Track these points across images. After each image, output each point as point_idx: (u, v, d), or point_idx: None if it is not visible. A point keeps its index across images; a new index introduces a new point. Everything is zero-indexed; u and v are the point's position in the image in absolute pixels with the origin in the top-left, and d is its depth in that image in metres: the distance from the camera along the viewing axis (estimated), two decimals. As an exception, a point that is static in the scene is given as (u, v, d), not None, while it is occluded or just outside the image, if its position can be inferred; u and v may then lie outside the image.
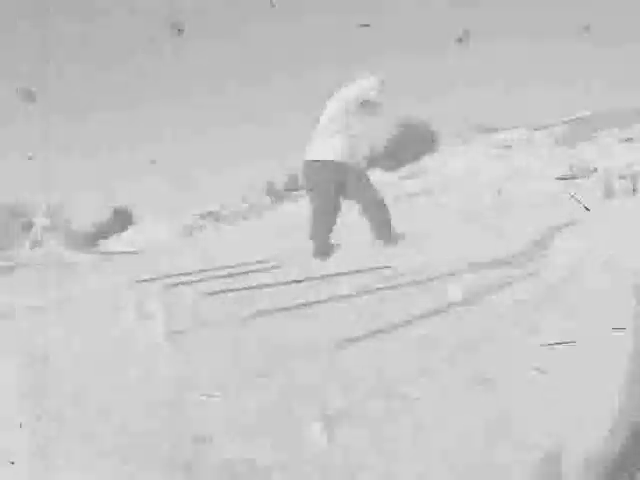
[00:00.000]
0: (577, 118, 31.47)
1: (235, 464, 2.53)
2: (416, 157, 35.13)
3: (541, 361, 3.61)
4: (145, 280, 5.11)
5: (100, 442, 2.80)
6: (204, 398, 3.25)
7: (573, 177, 19.93)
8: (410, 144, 37.65)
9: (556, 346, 3.88)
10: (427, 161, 32.94)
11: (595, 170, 19.10)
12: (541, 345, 3.93)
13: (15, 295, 8.22)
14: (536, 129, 31.42)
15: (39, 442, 2.86)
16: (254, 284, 5.26)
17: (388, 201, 5.47)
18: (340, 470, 2.47)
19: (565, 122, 31.11)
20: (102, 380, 3.65)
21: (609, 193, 13.01)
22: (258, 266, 6.45)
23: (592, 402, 3.02)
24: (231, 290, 5.08)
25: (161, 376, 3.67)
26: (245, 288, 5.18)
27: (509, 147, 29.37)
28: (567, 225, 9.24)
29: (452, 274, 5.82)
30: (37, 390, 3.55)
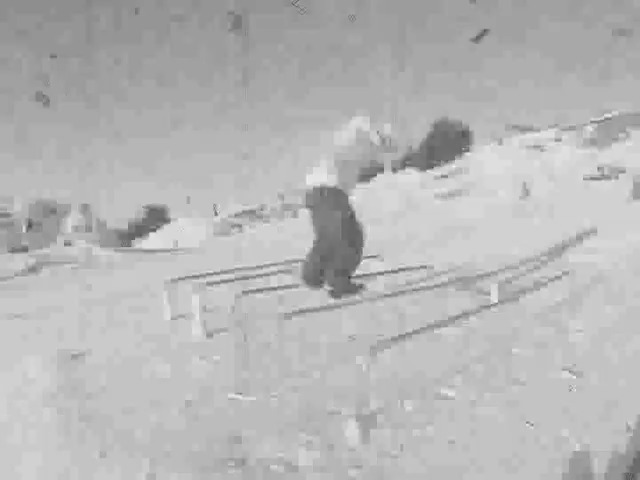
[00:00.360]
0: (606, 118, 31.15)
1: (270, 463, 2.50)
2: (451, 156, 35.05)
3: (571, 362, 3.58)
4: (181, 278, 5.10)
5: (134, 440, 2.79)
6: (240, 397, 3.23)
7: (602, 177, 19.71)
8: (446, 143, 37.59)
9: (586, 347, 3.87)
10: (462, 161, 32.79)
11: (623, 170, 18.87)
12: (571, 345, 3.91)
13: (47, 293, 8.33)
14: (566, 129, 31.16)
15: (73, 439, 2.87)
16: (290, 283, 5.22)
17: (423, 201, 5.42)
18: (374, 470, 2.43)
19: (594, 122, 30.80)
20: (136, 378, 3.66)
21: (637, 193, 12.81)
22: (295, 265, 6.42)
23: (620, 403, 3.00)
24: (267, 289, 5.05)
25: (196, 375, 3.67)
26: (281, 287, 5.15)
27: (540, 147, 29.16)
28: (596, 225, 9.12)
29: (487, 274, 5.74)
30: (70, 388, 3.56)
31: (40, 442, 2.93)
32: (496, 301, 4.98)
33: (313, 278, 4.99)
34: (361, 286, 4.98)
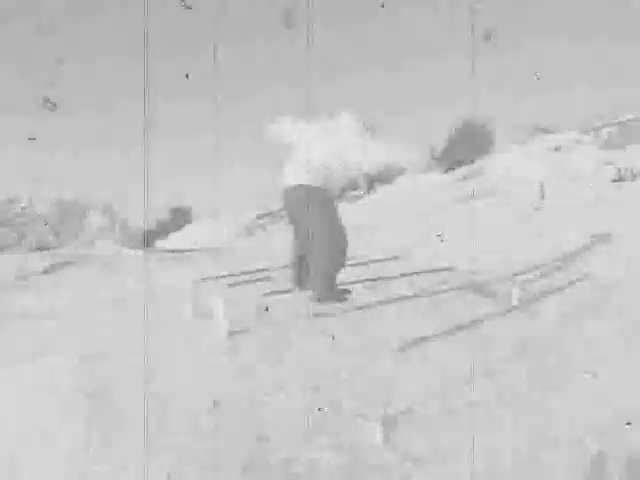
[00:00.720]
0: (626, 120, 30.73)
1: (292, 464, 2.53)
2: (473, 158, 34.77)
3: (592, 364, 3.58)
4: (206, 279, 5.14)
5: (160, 440, 2.83)
6: (266, 398, 3.27)
7: (620, 180, 19.54)
8: (467, 145, 37.31)
9: (606, 349, 3.88)
10: (483, 162, 32.66)
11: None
12: (591, 349, 3.92)
13: (69, 292, 8.39)
14: (585, 131, 30.91)
15: (100, 438, 2.91)
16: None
17: (447, 204, 5.42)
18: (396, 470, 2.46)
19: (613, 124, 30.41)
20: (162, 379, 3.69)
21: None
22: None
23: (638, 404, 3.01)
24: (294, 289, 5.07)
25: (220, 375, 3.70)
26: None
27: (558, 149, 28.96)
28: (614, 229, 9.07)
29: (508, 277, 5.74)
30: (94, 388, 3.61)
31: (61, 442, 2.97)
32: (516, 304, 4.99)
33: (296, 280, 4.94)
34: (346, 291, 4.88)
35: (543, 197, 18.25)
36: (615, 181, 19.32)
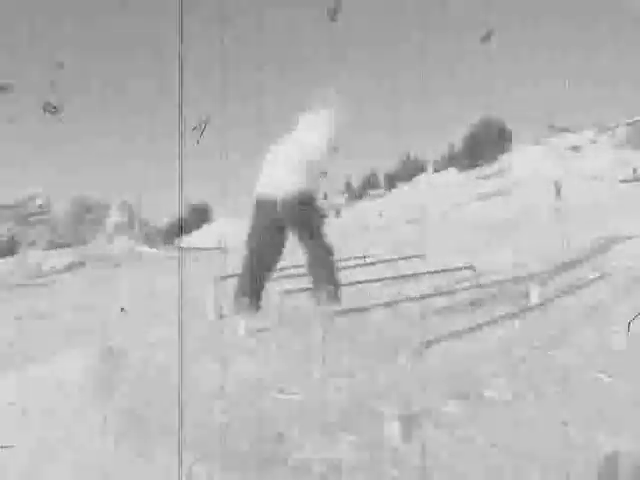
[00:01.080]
0: (641, 119, 30.43)
1: (312, 463, 2.54)
2: (492, 157, 34.77)
3: (610, 364, 3.57)
4: (227, 276, 5.16)
5: (176, 437, 2.84)
6: (284, 396, 3.28)
7: (637, 179, 19.50)
8: (486, 144, 37.26)
9: (624, 350, 3.86)
10: (502, 161, 32.60)
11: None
12: (610, 347, 3.91)
13: (88, 289, 8.47)
14: (603, 130, 30.79)
15: (114, 436, 2.93)
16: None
17: (463, 202, 5.40)
18: (416, 470, 2.46)
19: (629, 124, 30.25)
20: (179, 375, 3.70)
21: None
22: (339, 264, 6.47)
23: None
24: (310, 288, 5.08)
25: (240, 373, 3.72)
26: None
27: (577, 148, 28.90)
28: (631, 227, 9.03)
29: (529, 275, 5.73)
30: (112, 383, 3.63)
31: (79, 437, 2.98)
32: (537, 302, 4.97)
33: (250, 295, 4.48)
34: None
35: (559, 195, 18.25)
36: (629, 181, 19.22)
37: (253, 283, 4.44)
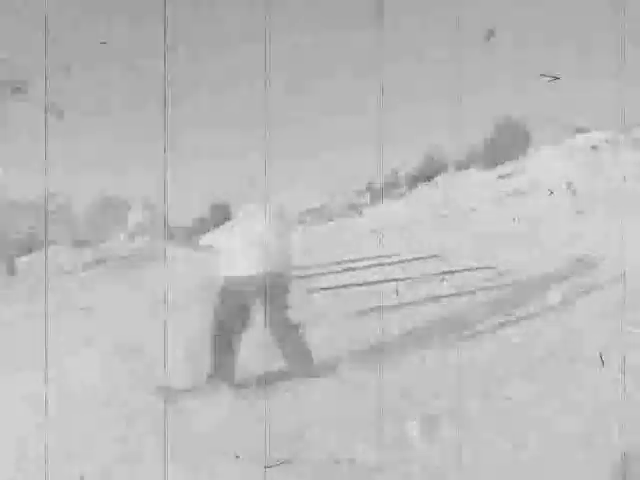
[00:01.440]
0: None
1: (335, 461, 2.54)
2: (511, 156, 34.57)
3: (628, 364, 3.54)
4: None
5: (196, 436, 2.86)
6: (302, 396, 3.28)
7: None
8: (506, 143, 37.06)
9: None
10: (521, 161, 32.49)
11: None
12: (629, 347, 3.89)
13: (110, 287, 8.51)
14: (622, 130, 30.55)
15: (131, 433, 2.96)
16: (357, 281, 5.26)
17: (483, 201, 5.37)
18: (437, 469, 2.45)
19: (645, 123, 29.84)
20: (195, 372, 3.76)
21: None
22: (359, 264, 6.45)
23: None
24: (337, 287, 5.08)
25: (255, 368, 3.79)
26: (345, 285, 5.18)
27: (595, 148, 28.73)
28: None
29: (549, 276, 5.70)
30: (127, 379, 3.66)
31: (95, 433, 3.05)
32: (558, 301, 4.95)
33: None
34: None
35: (574, 194, 18.17)
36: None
37: (223, 359, 3.95)
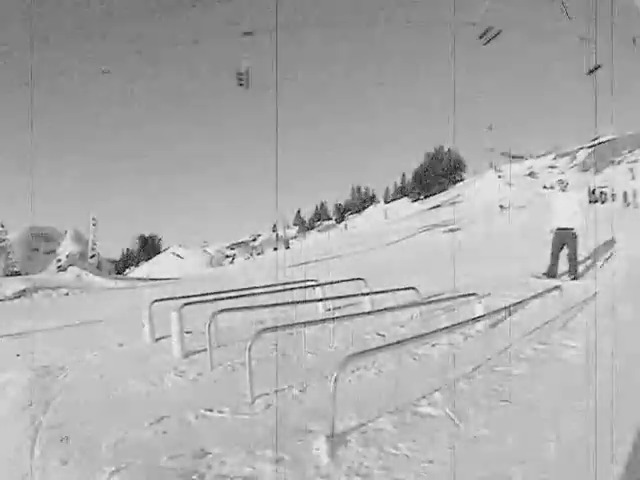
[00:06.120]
0: (600, 143, 31.32)
1: (232, 479, 2.47)
2: (445, 186, 35.22)
3: (562, 378, 3.59)
4: (160, 300, 5.11)
5: (97, 451, 2.78)
6: (210, 414, 3.22)
7: (596, 201, 20.04)
8: (439, 173, 37.76)
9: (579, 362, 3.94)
10: (455, 190, 33.15)
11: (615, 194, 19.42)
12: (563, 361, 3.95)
13: (36, 316, 8.34)
14: (560, 155, 31.62)
15: (39, 448, 2.87)
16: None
17: (418, 232, 5.41)
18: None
19: (588, 147, 31.10)
20: (110, 395, 3.66)
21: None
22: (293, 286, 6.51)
23: (619, 420, 2.96)
24: (243, 308, 5.03)
25: (170, 392, 3.68)
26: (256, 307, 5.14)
27: (535, 174, 29.61)
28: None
29: (478, 293, 5.74)
30: (41, 402, 3.56)
31: (7, 450, 2.93)
32: (480, 320, 4.96)
33: None
34: None
35: (507, 217, 18.64)
36: (591, 202, 19.70)
37: None
